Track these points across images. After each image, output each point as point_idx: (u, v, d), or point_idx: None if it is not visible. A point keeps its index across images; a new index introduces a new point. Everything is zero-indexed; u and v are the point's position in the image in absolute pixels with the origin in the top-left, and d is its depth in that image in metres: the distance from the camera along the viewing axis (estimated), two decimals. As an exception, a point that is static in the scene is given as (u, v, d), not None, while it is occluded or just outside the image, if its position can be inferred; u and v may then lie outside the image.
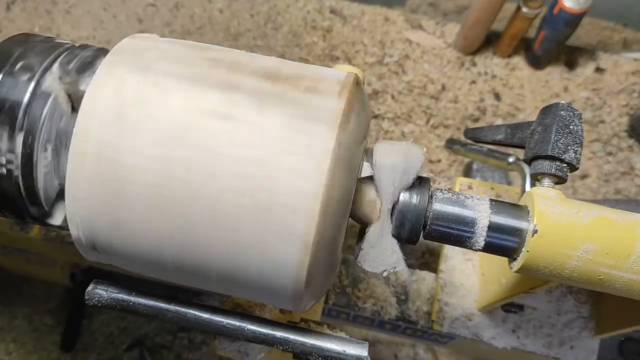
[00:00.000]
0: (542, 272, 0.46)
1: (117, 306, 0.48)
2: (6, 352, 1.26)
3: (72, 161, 0.41)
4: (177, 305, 0.48)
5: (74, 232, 0.44)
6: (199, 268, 0.43)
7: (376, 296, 0.79)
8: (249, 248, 0.40)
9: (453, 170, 1.38)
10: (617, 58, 1.51)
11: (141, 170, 0.40)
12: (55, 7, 1.60)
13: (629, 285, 0.45)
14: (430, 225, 0.47)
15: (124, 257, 0.45)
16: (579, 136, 0.50)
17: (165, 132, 0.40)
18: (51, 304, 1.30)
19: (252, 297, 0.46)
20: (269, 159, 0.39)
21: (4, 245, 1.04)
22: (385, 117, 1.44)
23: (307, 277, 0.40)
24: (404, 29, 1.55)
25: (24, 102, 0.44)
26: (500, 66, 1.50)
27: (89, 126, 0.41)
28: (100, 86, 0.42)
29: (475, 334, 0.76)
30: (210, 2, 1.60)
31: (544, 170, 0.50)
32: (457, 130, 1.42)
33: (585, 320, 0.74)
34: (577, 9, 1.28)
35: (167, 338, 1.27)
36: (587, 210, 0.46)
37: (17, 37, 0.48)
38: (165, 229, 0.41)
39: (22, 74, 0.44)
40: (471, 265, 0.80)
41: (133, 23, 1.58)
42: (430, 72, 1.49)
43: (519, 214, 0.47)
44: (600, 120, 1.43)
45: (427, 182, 0.48)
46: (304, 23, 1.56)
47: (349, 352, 0.46)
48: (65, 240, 0.85)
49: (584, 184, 1.37)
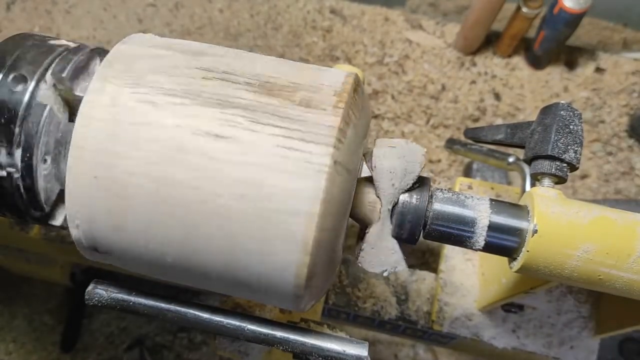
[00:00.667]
0: (542, 272, 0.46)
1: (117, 306, 0.48)
2: (6, 352, 1.26)
3: (71, 166, 0.41)
4: (177, 305, 0.48)
5: (74, 233, 0.44)
6: (199, 268, 0.43)
7: (376, 296, 0.79)
8: (250, 249, 0.40)
9: (453, 170, 1.38)
10: (617, 58, 1.51)
11: (139, 185, 0.40)
12: (55, 7, 1.60)
13: (629, 285, 0.45)
14: (430, 225, 0.47)
15: (124, 258, 0.45)
16: (579, 136, 0.50)
17: (160, 153, 0.40)
18: (51, 304, 1.30)
19: (252, 298, 0.46)
20: (267, 165, 0.39)
21: (4, 245, 1.04)
22: (385, 117, 1.44)
23: (307, 277, 0.40)
24: (404, 29, 1.55)
25: (19, 116, 0.43)
26: (500, 66, 1.50)
27: (85, 143, 0.41)
28: (94, 105, 0.42)
29: (475, 334, 0.76)
30: (210, 2, 1.60)
31: (544, 170, 0.50)
32: (457, 130, 1.42)
33: (585, 320, 0.74)
34: (577, 9, 1.28)
35: (167, 338, 1.27)
36: (587, 210, 0.46)
37: (9, 41, 0.47)
38: (165, 231, 0.41)
39: (15, 84, 0.44)
40: (471, 265, 0.80)
41: (133, 23, 1.58)
42: (430, 72, 1.49)
43: (519, 213, 0.47)
44: (600, 120, 1.43)
45: (427, 182, 0.48)
46: (304, 23, 1.56)
47: (349, 352, 0.46)
48: (65, 240, 0.85)
49: (584, 184, 1.37)
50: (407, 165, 0.46)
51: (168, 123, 0.40)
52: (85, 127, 0.41)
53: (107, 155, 0.40)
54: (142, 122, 0.41)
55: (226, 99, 0.41)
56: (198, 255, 0.42)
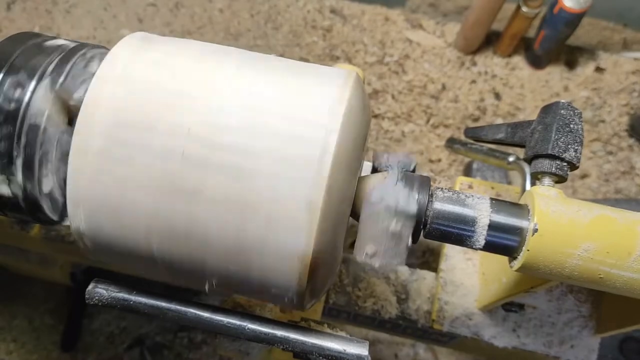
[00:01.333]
0: (543, 271, 0.46)
1: (117, 305, 0.48)
2: (6, 352, 1.26)
3: (73, 163, 0.41)
4: (177, 305, 0.48)
5: (75, 233, 0.44)
6: (202, 267, 0.43)
7: (376, 295, 0.79)
8: (252, 248, 0.40)
9: (453, 169, 1.38)
10: (617, 58, 1.51)
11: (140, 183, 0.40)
12: (56, 7, 1.60)
13: (629, 284, 0.45)
14: (430, 224, 0.47)
15: (125, 258, 0.45)
16: (579, 135, 0.50)
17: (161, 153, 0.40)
18: (51, 304, 1.30)
19: (253, 296, 0.46)
20: (269, 164, 0.39)
21: (4, 245, 1.04)
22: (385, 117, 1.44)
23: (309, 276, 0.40)
24: (404, 29, 1.55)
25: (19, 116, 0.43)
26: (501, 66, 1.50)
27: (86, 144, 0.41)
28: (94, 105, 0.42)
29: (476, 333, 0.76)
30: (210, 2, 1.60)
31: (544, 169, 0.50)
32: (458, 129, 1.42)
33: (585, 319, 0.74)
34: (577, 9, 1.28)
35: (167, 337, 1.27)
36: (588, 209, 0.45)
37: (9, 41, 0.47)
38: (168, 230, 0.41)
39: (15, 84, 0.44)
40: (471, 264, 0.80)
41: (133, 23, 1.58)
42: (431, 72, 1.49)
43: (519, 212, 0.47)
44: (601, 119, 1.43)
45: (427, 181, 0.48)
46: (304, 23, 1.56)
47: (349, 351, 0.46)
48: (65, 240, 0.85)
49: (584, 184, 1.37)
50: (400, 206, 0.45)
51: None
52: (86, 128, 0.41)
53: (107, 156, 0.40)
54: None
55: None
56: (200, 253, 0.42)
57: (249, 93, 0.42)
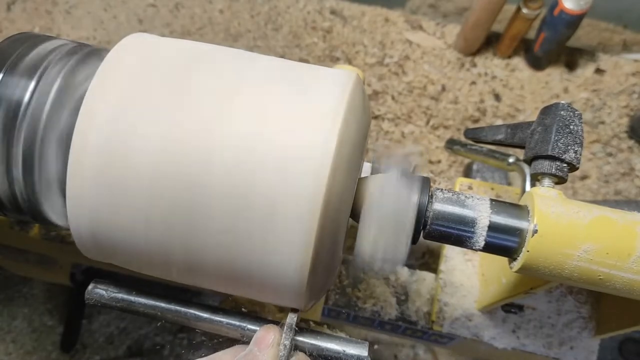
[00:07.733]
0: (542, 272, 0.46)
1: (117, 306, 0.48)
2: (6, 352, 1.25)
3: (72, 163, 0.41)
4: (177, 305, 0.48)
5: (74, 233, 0.44)
6: (201, 267, 0.43)
7: (376, 296, 0.79)
8: (251, 248, 0.40)
9: (453, 170, 1.38)
10: (617, 59, 1.51)
11: (140, 182, 0.40)
12: (56, 8, 1.60)
13: (629, 285, 0.45)
14: (430, 225, 0.47)
15: (125, 257, 0.45)
16: (579, 136, 0.50)
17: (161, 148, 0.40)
18: (51, 304, 1.30)
19: (253, 296, 0.46)
20: (268, 165, 0.39)
21: (4, 245, 1.04)
22: (385, 118, 1.44)
23: (308, 277, 0.40)
24: (404, 30, 1.55)
25: (19, 116, 0.43)
26: (501, 67, 1.50)
27: (86, 144, 0.41)
28: (94, 105, 0.42)
29: (475, 334, 0.76)
30: (210, 3, 1.60)
31: (544, 170, 0.50)
32: (457, 131, 1.42)
33: (585, 320, 0.74)
34: (577, 10, 1.28)
35: (167, 338, 1.27)
36: (588, 210, 0.45)
37: (9, 41, 0.47)
38: (167, 229, 0.41)
39: (15, 84, 0.43)
40: (471, 265, 0.80)
41: (133, 23, 1.58)
42: (431, 73, 1.49)
43: (519, 213, 0.47)
44: (600, 121, 1.43)
45: (427, 182, 0.48)
46: (304, 24, 1.57)
47: (349, 352, 0.46)
48: (65, 240, 0.85)
49: (584, 185, 1.37)
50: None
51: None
52: (86, 128, 0.41)
53: (107, 155, 0.40)
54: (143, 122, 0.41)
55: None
56: (199, 253, 0.42)
57: (248, 94, 0.42)
